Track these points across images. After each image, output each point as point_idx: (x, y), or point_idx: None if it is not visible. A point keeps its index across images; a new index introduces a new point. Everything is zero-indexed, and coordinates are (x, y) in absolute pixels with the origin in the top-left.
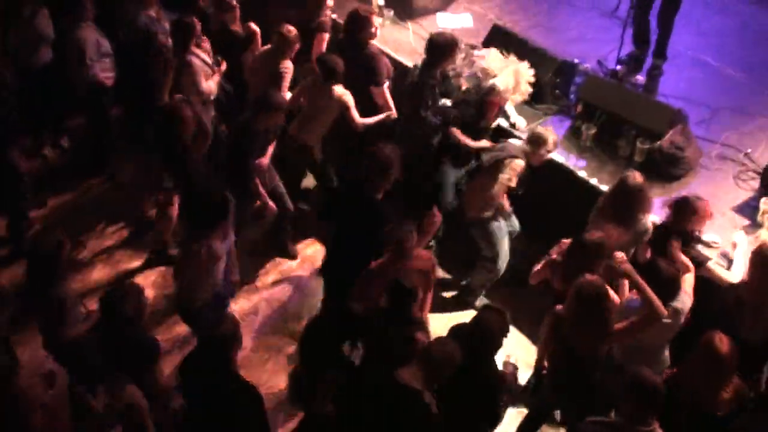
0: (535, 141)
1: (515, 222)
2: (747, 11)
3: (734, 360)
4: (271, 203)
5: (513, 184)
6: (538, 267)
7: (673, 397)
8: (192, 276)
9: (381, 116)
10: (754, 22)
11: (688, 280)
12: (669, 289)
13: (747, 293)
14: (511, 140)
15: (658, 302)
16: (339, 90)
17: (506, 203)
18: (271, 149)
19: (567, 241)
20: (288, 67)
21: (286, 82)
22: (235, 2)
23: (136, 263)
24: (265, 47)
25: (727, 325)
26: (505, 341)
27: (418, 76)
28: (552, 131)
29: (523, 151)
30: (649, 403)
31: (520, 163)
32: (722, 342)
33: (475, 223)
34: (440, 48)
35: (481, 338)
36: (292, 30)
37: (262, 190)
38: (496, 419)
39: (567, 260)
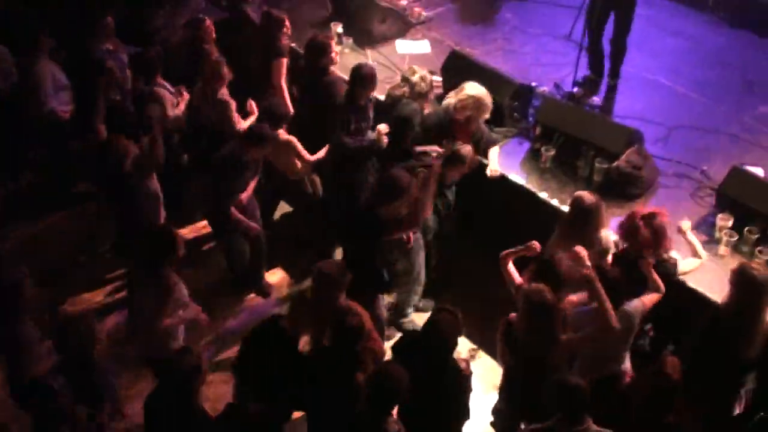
0: (455, 159)
1: (431, 223)
2: (698, 32)
3: (678, 388)
4: (253, 225)
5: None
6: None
7: (627, 403)
8: (148, 310)
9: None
10: (704, 43)
11: (652, 299)
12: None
13: (732, 315)
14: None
15: (612, 313)
16: (284, 135)
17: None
18: (253, 184)
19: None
20: (224, 94)
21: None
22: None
23: (99, 297)
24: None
25: (715, 346)
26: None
27: (341, 105)
28: (470, 149)
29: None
30: (575, 404)
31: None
32: (674, 369)
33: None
34: (365, 78)
35: (437, 341)
36: (220, 62)
37: (240, 216)
38: (467, 414)
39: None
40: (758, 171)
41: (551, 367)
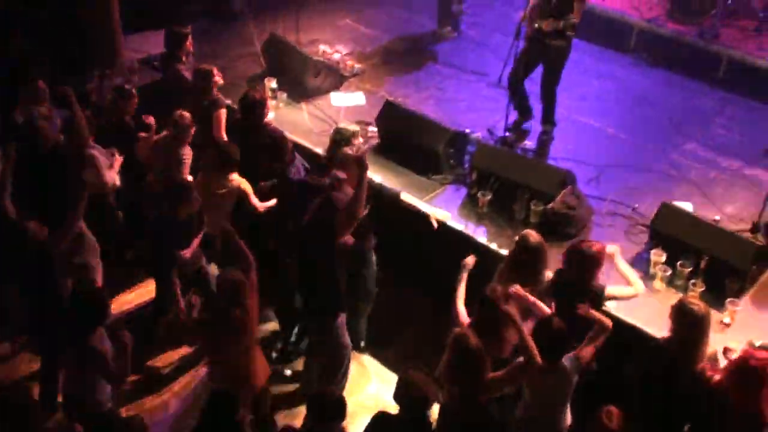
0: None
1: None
2: (622, 74)
3: None
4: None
5: None
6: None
7: None
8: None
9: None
10: (629, 84)
11: (590, 350)
12: (558, 345)
13: (674, 349)
14: None
15: (534, 350)
16: (236, 178)
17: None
18: (197, 241)
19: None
20: (187, 153)
21: (187, 168)
22: (134, 91)
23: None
24: (161, 135)
25: (658, 381)
26: None
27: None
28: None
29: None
30: None
31: None
32: (610, 420)
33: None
34: (254, 102)
35: (415, 403)
36: (185, 116)
37: (176, 288)
38: None
39: (479, 318)
40: (687, 206)
41: (480, 406)
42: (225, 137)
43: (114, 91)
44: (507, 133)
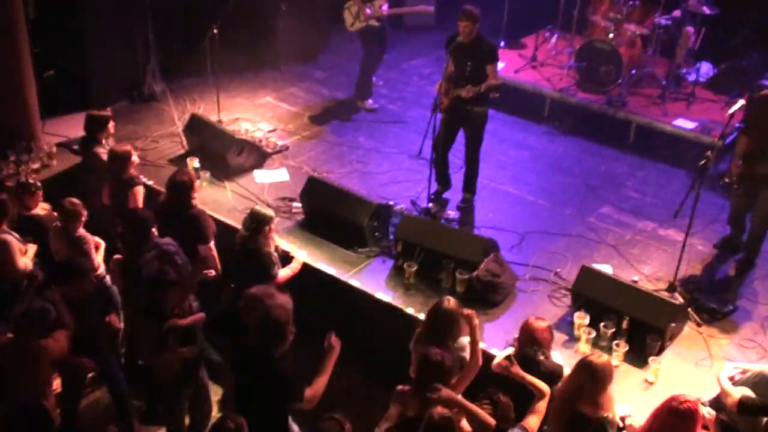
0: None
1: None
2: (537, 143)
3: None
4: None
5: None
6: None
7: None
8: None
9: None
10: (545, 152)
11: (534, 421)
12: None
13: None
14: None
15: (485, 416)
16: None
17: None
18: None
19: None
20: (83, 233)
21: (91, 245)
22: (39, 184)
23: None
24: (55, 224)
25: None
26: None
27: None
28: None
29: None
30: None
31: None
32: None
33: None
34: (182, 185)
35: None
36: (75, 202)
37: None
38: None
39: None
40: (606, 268)
41: None
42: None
43: (18, 186)
44: (430, 204)
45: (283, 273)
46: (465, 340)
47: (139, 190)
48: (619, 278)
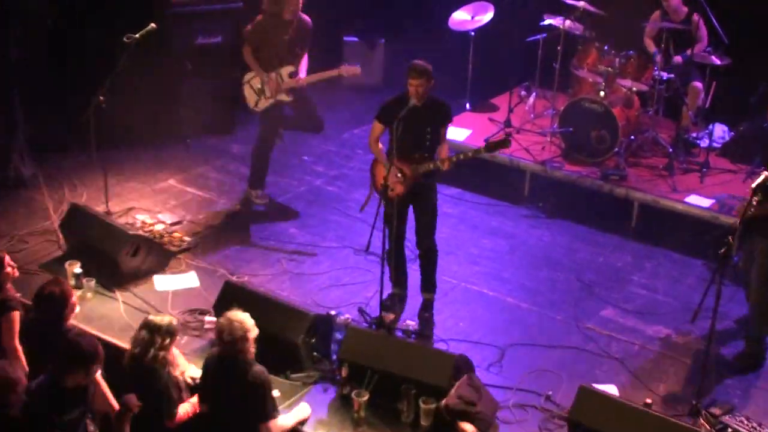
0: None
1: None
2: (517, 229)
3: None
4: None
5: None
6: None
7: None
8: None
9: None
10: (527, 241)
11: None
12: None
13: None
14: None
15: None
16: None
17: None
18: None
19: None
20: None
21: None
22: None
23: None
24: None
25: None
26: None
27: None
28: None
29: None
30: None
31: None
32: None
33: None
34: (53, 299)
35: None
36: None
37: None
38: None
39: None
40: (611, 388)
41: None
42: (18, 346)
43: None
44: (383, 312)
45: (184, 409)
46: None
47: (14, 317)
48: (628, 401)
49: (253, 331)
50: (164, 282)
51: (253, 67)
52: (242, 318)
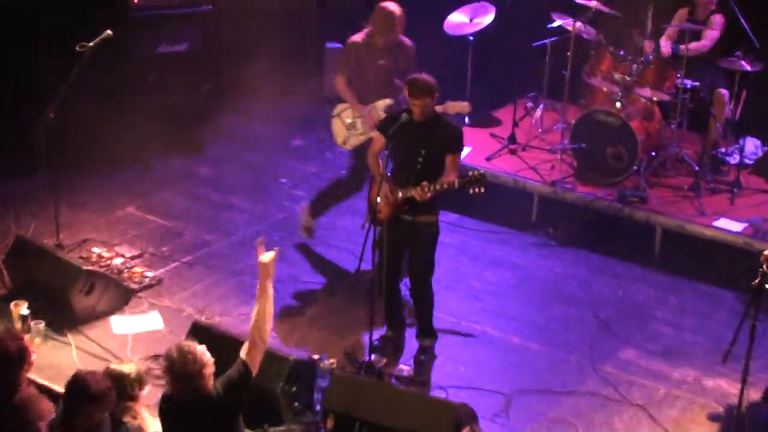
0: None
1: None
2: (524, 259)
3: None
4: None
5: None
6: None
7: None
8: None
9: None
10: (536, 273)
11: None
12: None
13: None
14: None
15: None
16: None
17: None
18: None
19: None
20: None
21: None
22: None
23: None
24: None
25: None
26: None
27: None
28: None
29: None
30: None
31: None
32: None
33: None
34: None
35: None
36: None
37: None
38: None
39: None
40: None
41: None
42: None
43: None
44: (373, 356)
45: None
46: None
47: None
48: None
49: (210, 368)
50: (123, 324)
51: (349, 100)
52: (195, 350)
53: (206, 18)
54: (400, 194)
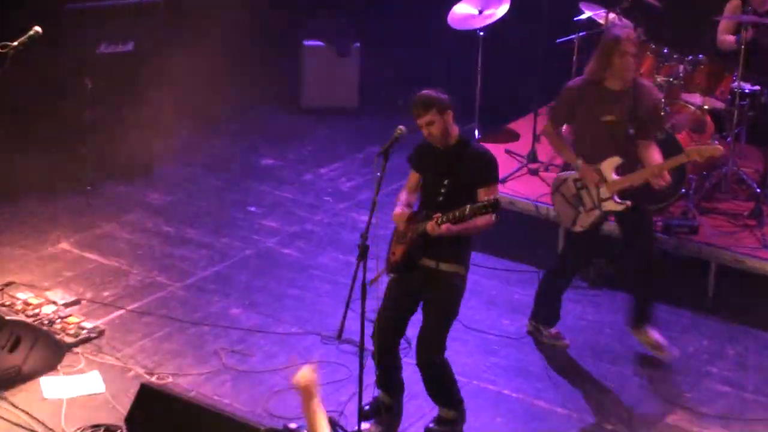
0: None
1: None
2: (518, 295)
3: None
4: None
5: None
6: None
7: None
8: None
9: None
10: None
11: None
12: None
13: None
14: None
15: None
16: None
17: None
18: None
19: None
20: None
21: None
22: None
23: None
24: None
25: None
26: None
27: None
28: None
29: None
30: None
31: None
32: None
33: None
34: None
35: None
36: None
37: None
38: None
39: None
40: None
41: None
42: None
43: None
44: (366, 425)
45: None
46: None
47: None
48: None
49: None
50: (56, 387)
51: (567, 157)
52: None
53: (155, 12)
54: (417, 229)
